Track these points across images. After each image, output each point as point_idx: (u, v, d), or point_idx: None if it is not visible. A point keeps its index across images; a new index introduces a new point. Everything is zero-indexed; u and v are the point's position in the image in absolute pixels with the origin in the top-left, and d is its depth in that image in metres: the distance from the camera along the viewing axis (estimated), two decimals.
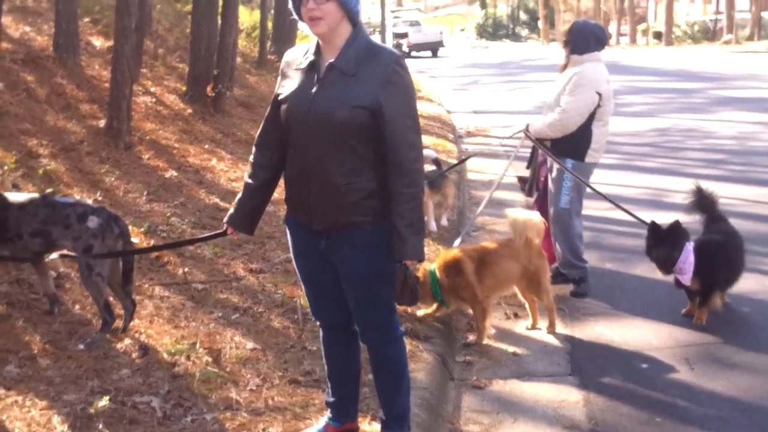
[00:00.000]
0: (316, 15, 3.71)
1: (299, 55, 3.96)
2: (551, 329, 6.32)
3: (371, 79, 3.73)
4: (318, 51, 3.87)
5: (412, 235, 3.84)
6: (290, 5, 3.86)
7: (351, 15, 3.80)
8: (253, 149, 4.16)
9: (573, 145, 6.98)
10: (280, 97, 3.94)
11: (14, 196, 5.58)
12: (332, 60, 3.80)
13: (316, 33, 3.78)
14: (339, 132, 3.74)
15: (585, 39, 6.95)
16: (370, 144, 3.79)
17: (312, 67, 3.85)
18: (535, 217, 6.35)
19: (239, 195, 4.20)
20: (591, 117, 6.91)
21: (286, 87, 3.92)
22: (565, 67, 7.11)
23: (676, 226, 6.29)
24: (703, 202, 6.69)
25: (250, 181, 4.14)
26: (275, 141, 4.04)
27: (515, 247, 6.24)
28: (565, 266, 7.17)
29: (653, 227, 6.37)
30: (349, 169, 3.79)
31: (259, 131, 4.13)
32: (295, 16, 3.87)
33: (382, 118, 3.73)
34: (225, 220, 4.25)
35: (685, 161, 12.83)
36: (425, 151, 8.66)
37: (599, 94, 6.87)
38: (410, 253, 3.87)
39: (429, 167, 9.00)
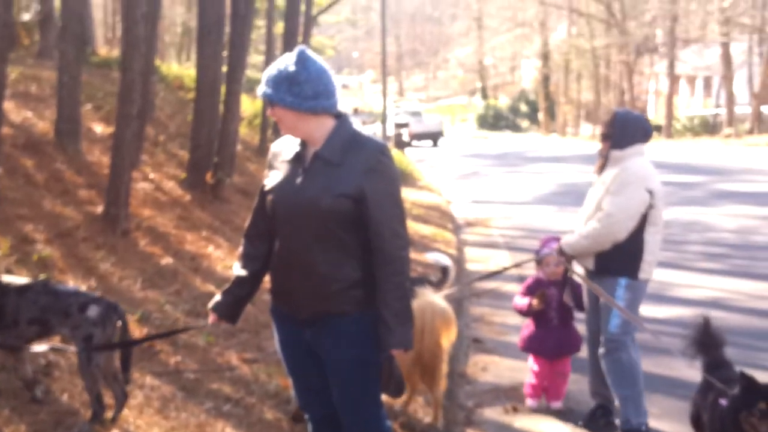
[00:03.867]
0: (275, 119, 3.83)
1: (286, 146, 3.98)
2: (435, 422, 5.99)
3: (356, 168, 3.75)
4: (303, 142, 3.89)
5: (399, 324, 3.80)
6: (269, 112, 3.93)
7: (317, 111, 3.77)
8: (243, 240, 4.15)
9: (624, 257, 5.72)
10: (267, 188, 3.97)
11: (13, 281, 5.51)
12: (317, 149, 3.83)
13: (284, 134, 3.89)
14: (324, 221, 3.74)
15: (629, 132, 5.77)
16: (355, 233, 3.79)
17: (298, 158, 3.88)
18: (449, 311, 5.89)
19: (227, 285, 4.16)
20: (643, 221, 5.69)
21: (273, 178, 3.95)
22: (602, 167, 5.93)
23: None
24: (707, 341, 5.12)
25: (239, 272, 4.12)
26: (264, 232, 4.04)
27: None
28: (624, 423, 5.79)
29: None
30: (334, 259, 3.79)
31: (248, 223, 4.14)
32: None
33: (366, 206, 3.74)
34: (210, 306, 4.19)
35: (686, 254, 12.76)
36: (437, 255, 7.67)
37: (650, 192, 5.69)
38: (397, 343, 3.83)
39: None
